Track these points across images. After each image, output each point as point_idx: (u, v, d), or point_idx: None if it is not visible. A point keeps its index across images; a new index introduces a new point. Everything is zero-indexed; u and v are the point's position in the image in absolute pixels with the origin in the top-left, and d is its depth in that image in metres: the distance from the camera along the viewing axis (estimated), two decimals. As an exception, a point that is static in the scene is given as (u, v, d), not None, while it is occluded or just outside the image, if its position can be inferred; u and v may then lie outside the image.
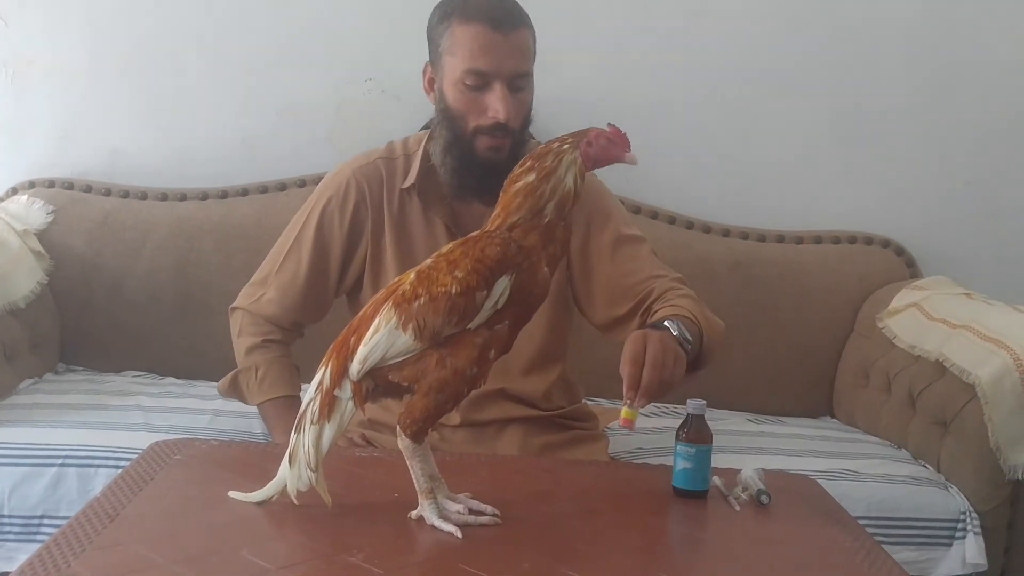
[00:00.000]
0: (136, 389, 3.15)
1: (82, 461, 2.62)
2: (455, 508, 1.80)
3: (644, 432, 3.03)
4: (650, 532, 1.95)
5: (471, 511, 1.81)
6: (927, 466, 2.90)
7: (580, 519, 1.89)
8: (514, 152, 2.40)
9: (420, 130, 2.61)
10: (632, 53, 3.63)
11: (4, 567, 2.56)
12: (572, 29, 3.55)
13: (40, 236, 3.34)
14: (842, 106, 3.68)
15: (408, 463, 1.79)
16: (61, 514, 2.57)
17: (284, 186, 3.52)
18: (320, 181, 2.66)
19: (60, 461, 2.61)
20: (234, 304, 2.64)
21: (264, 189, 3.52)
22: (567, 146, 1.81)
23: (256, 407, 2.59)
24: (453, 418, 2.46)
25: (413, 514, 1.79)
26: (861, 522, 2.20)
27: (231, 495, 1.84)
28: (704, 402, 2.05)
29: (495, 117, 2.37)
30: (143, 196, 3.49)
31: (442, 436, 2.48)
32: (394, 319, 1.73)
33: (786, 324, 3.51)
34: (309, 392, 1.81)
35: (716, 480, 2.06)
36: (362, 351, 1.75)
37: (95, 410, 2.89)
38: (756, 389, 3.50)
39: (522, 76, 2.40)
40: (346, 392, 1.78)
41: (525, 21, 2.42)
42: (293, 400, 2.49)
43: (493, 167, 2.35)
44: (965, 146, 3.70)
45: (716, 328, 2.31)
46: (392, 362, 1.76)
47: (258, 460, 2.04)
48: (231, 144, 3.60)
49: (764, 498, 2.01)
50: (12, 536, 2.60)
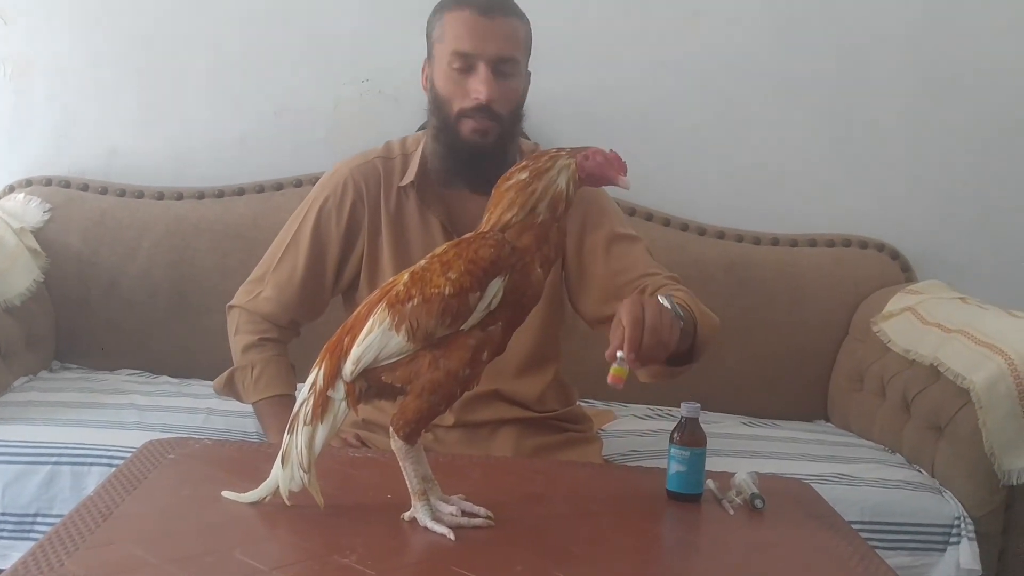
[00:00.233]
0: (131, 388, 3.15)
1: (76, 459, 2.61)
2: (448, 510, 1.80)
3: (638, 435, 3.03)
4: (643, 535, 1.94)
5: (464, 513, 1.80)
6: (921, 471, 2.90)
7: (573, 521, 1.89)
8: (502, 141, 2.42)
9: (417, 131, 2.61)
10: (628, 56, 3.63)
11: (-3, 565, 2.57)
12: (569, 32, 3.54)
13: (36, 234, 3.34)
14: (837, 109, 3.68)
15: (401, 464, 1.79)
16: (54, 512, 2.56)
17: (281, 186, 3.52)
18: (317, 181, 2.67)
19: (54, 459, 2.61)
20: (231, 302, 2.65)
21: (261, 189, 3.52)
22: (563, 152, 1.82)
23: (251, 406, 2.60)
24: (447, 419, 2.46)
25: (406, 515, 1.79)
26: (855, 527, 2.20)
27: (224, 495, 1.84)
28: (698, 405, 2.04)
29: (477, 98, 2.38)
30: (140, 195, 3.49)
31: (436, 437, 2.49)
32: (387, 320, 1.73)
33: (781, 327, 3.51)
34: (302, 393, 1.81)
35: (710, 483, 2.06)
36: (355, 352, 1.75)
37: (89, 408, 2.89)
38: (750, 392, 3.50)
39: (508, 61, 2.42)
40: (339, 393, 1.78)
41: (516, 12, 2.45)
42: (288, 399, 2.48)
43: (478, 152, 2.39)
44: (961, 151, 3.70)
45: (710, 321, 2.31)
46: (385, 363, 1.76)
47: (252, 460, 2.03)
48: (228, 144, 3.60)
49: (758, 502, 2.00)
50: (5, 534, 2.60)
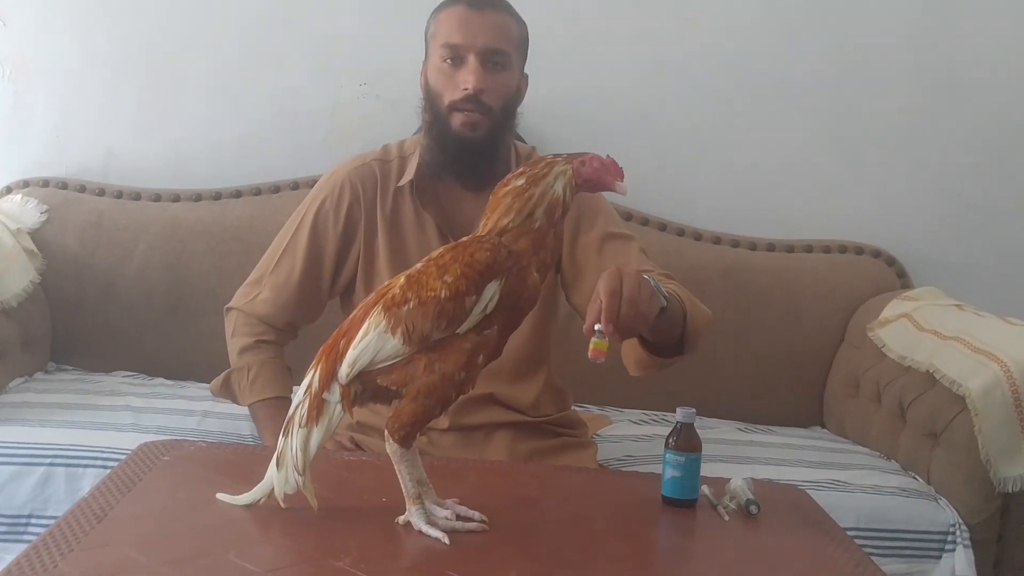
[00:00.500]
0: (126, 389, 3.15)
1: (71, 461, 2.60)
2: (443, 514, 1.80)
3: (633, 440, 3.04)
4: (638, 541, 1.94)
5: (459, 517, 1.80)
6: (917, 477, 2.90)
7: (568, 526, 1.89)
8: (493, 135, 2.44)
9: (415, 134, 2.62)
10: (626, 59, 3.63)
11: (-9, 566, 2.56)
12: (566, 35, 3.55)
13: (33, 235, 3.34)
14: (835, 115, 3.68)
15: (396, 468, 1.79)
16: (49, 514, 2.56)
17: (278, 188, 3.52)
18: (314, 184, 2.68)
19: (48, 460, 2.60)
20: (229, 304, 2.66)
21: (258, 191, 3.52)
22: (560, 158, 1.82)
23: (247, 408, 2.60)
24: (442, 422, 2.46)
25: (400, 519, 1.79)
26: (850, 533, 2.20)
27: (219, 497, 1.83)
28: (694, 410, 2.05)
29: (466, 89, 2.41)
30: (136, 196, 3.49)
31: (431, 440, 2.49)
32: (383, 323, 1.73)
33: (776, 333, 3.51)
34: (298, 395, 1.81)
35: (705, 489, 2.06)
36: (351, 354, 1.75)
37: (85, 410, 2.89)
38: (746, 398, 3.50)
39: (498, 53, 2.44)
40: (335, 396, 1.78)
41: (508, 10, 2.49)
42: (284, 401, 2.49)
43: (468, 144, 2.41)
44: (957, 157, 3.70)
45: (701, 312, 2.31)
46: (381, 366, 1.76)
47: (247, 462, 2.03)
48: (225, 146, 3.60)
49: (753, 508, 2.00)
50: (-1, 535, 2.60)
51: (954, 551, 2.72)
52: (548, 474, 2.28)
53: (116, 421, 2.81)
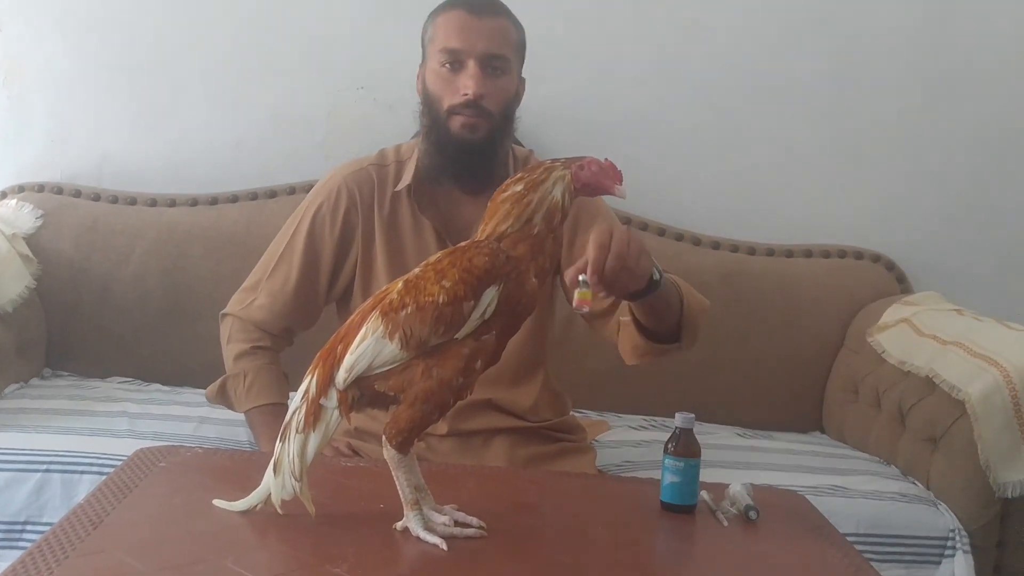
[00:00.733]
0: (122, 395, 3.14)
1: (66, 467, 2.60)
2: (441, 520, 1.79)
3: (632, 445, 3.03)
4: (637, 546, 1.93)
5: (457, 523, 1.80)
6: (916, 483, 2.89)
7: (567, 532, 1.88)
8: (492, 139, 2.43)
9: (412, 138, 2.61)
10: (624, 65, 3.63)
11: (-14, 573, 2.55)
12: (566, 40, 3.54)
13: (29, 240, 3.33)
14: (834, 120, 3.68)
15: (394, 474, 1.78)
16: (44, 520, 2.55)
17: (274, 193, 3.51)
18: (311, 189, 2.67)
19: (44, 467, 2.59)
20: (224, 310, 2.65)
21: (254, 196, 3.51)
22: (559, 164, 1.81)
23: (243, 414, 2.59)
24: (440, 428, 2.45)
25: (398, 525, 1.78)
26: (850, 539, 2.19)
27: (215, 503, 1.83)
28: (693, 416, 2.04)
29: (466, 94, 2.40)
30: (132, 201, 3.49)
31: (429, 446, 2.48)
32: (381, 328, 1.73)
33: (776, 338, 3.50)
34: (295, 401, 1.80)
35: (704, 495, 2.05)
36: (348, 360, 1.74)
37: (81, 416, 2.88)
38: (745, 403, 3.49)
39: (497, 58, 2.44)
40: (332, 401, 1.77)
41: (506, 14, 2.48)
42: (281, 408, 2.48)
43: (467, 147, 2.41)
44: (957, 161, 3.70)
45: (699, 301, 2.33)
46: (378, 371, 1.75)
47: (243, 468, 2.03)
48: (222, 150, 3.59)
49: (752, 514, 2.00)
50: (-5, 542, 2.59)
51: (954, 556, 2.71)
52: (547, 480, 2.28)
53: (112, 427, 2.81)
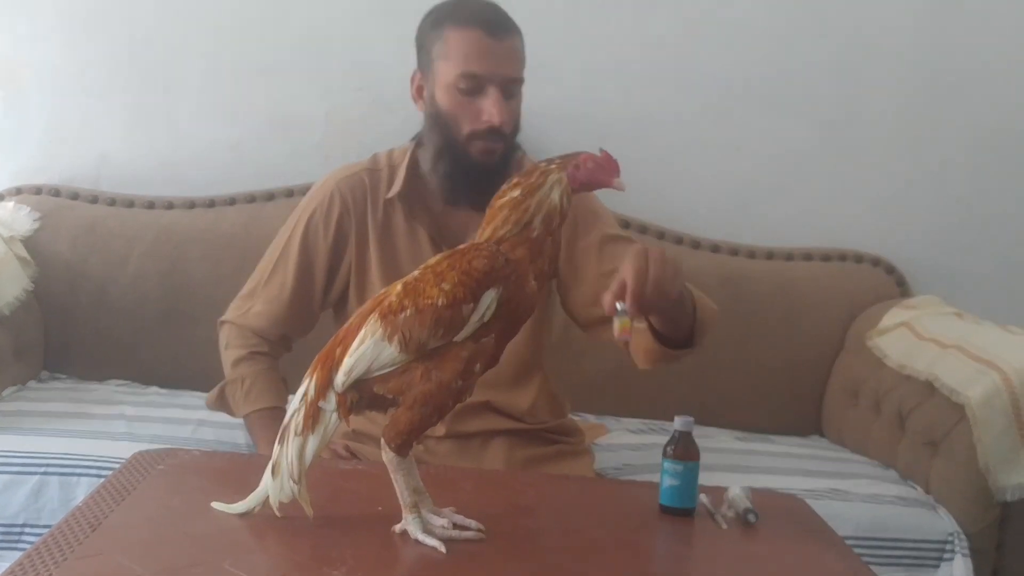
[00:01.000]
0: (120, 398, 3.14)
1: (64, 470, 2.60)
2: (439, 522, 1.78)
3: (630, 448, 3.03)
4: (636, 549, 1.93)
5: (455, 526, 1.79)
6: (916, 486, 2.89)
7: (565, 535, 1.88)
8: (505, 157, 2.41)
9: (409, 141, 2.61)
10: (622, 67, 3.62)
11: (-16, 576, 2.55)
12: (563, 42, 3.54)
13: (26, 243, 3.33)
14: (833, 122, 3.68)
15: (392, 476, 1.78)
16: (43, 523, 2.55)
17: (272, 195, 3.51)
18: (308, 190, 2.67)
19: (42, 469, 2.60)
20: (223, 318, 2.65)
21: (252, 198, 3.51)
22: (554, 166, 1.79)
23: (242, 419, 2.58)
24: (438, 430, 2.45)
25: (397, 528, 1.77)
26: (849, 542, 2.19)
27: (214, 506, 1.82)
28: (692, 419, 2.03)
29: (490, 121, 2.38)
30: (130, 204, 3.48)
31: (427, 448, 2.48)
32: (380, 330, 1.72)
33: (775, 341, 3.50)
34: (293, 403, 1.80)
35: (703, 498, 2.05)
36: (347, 362, 1.74)
37: (78, 418, 2.88)
38: (744, 407, 3.49)
39: (515, 82, 2.43)
40: (330, 404, 1.76)
41: (517, 29, 2.45)
42: (279, 412, 2.48)
43: (486, 171, 2.37)
44: (957, 164, 3.70)
45: (709, 306, 2.32)
46: (377, 374, 1.74)
47: (241, 471, 2.02)
48: (219, 153, 3.59)
49: (751, 517, 1.99)
50: (-7, 545, 2.59)
51: (953, 560, 2.71)
52: (545, 483, 2.28)
53: (110, 430, 2.80)
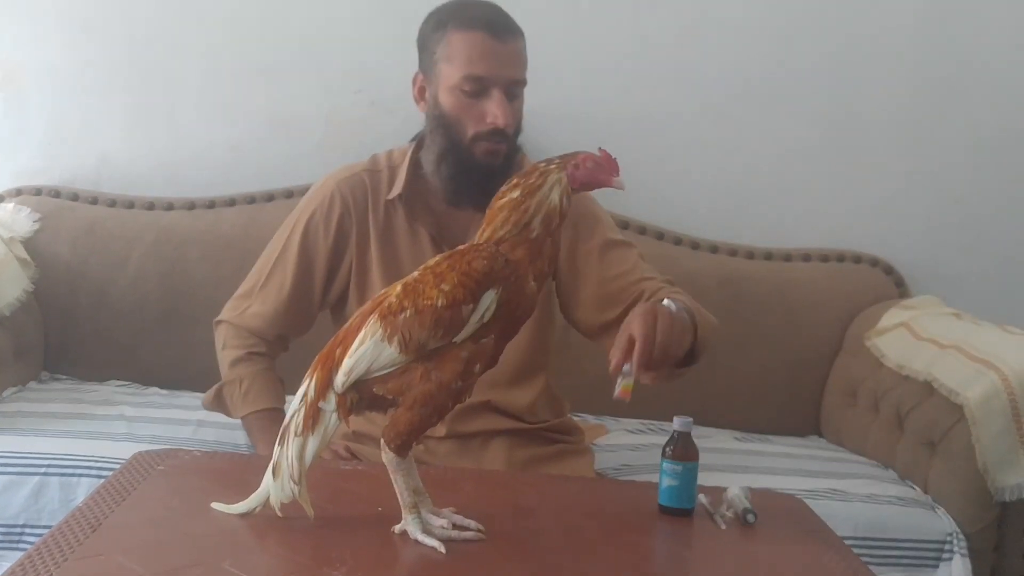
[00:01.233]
0: (120, 399, 3.14)
1: (65, 470, 2.60)
2: (439, 523, 1.79)
3: (630, 449, 3.03)
4: (635, 549, 1.93)
5: (455, 526, 1.79)
6: (914, 487, 2.89)
7: (565, 535, 1.88)
8: (508, 159, 2.41)
9: (410, 141, 2.61)
10: (621, 68, 3.63)
11: (-15, 576, 2.55)
12: (563, 42, 3.54)
13: (26, 244, 3.33)
14: (832, 124, 3.68)
15: (392, 477, 1.78)
16: (43, 523, 2.55)
17: (272, 196, 3.51)
18: (308, 192, 2.66)
19: (43, 470, 2.60)
20: (219, 317, 2.64)
21: (252, 199, 3.51)
22: (553, 166, 1.79)
23: (240, 420, 2.58)
24: (438, 430, 2.45)
25: (396, 528, 1.78)
26: (848, 542, 2.19)
27: (214, 506, 1.83)
28: (691, 419, 2.04)
29: (494, 123, 2.39)
30: (130, 205, 3.48)
31: (427, 448, 2.48)
32: (380, 331, 1.72)
33: (774, 342, 3.50)
34: (293, 404, 1.80)
35: (702, 498, 2.05)
36: (347, 363, 1.74)
37: (78, 419, 2.88)
38: (743, 407, 3.49)
39: (518, 84, 2.43)
40: (330, 404, 1.77)
41: (520, 31, 2.45)
42: (277, 412, 2.48)
43: (489, 173, 2.37)
44: (955, 165, 3.70)
45: (709, 323, 2.33)
46: (377, 374, 1.74)
47: (241, 471, 2.02)
48: (219, 154, 3.59)
49: (750, 517, 1.99)
50: (-7, 545, 2.59)
51: (951, 560, 2.71)
52: (545, 483, 2.28)
53: (110, 430, 2.80)
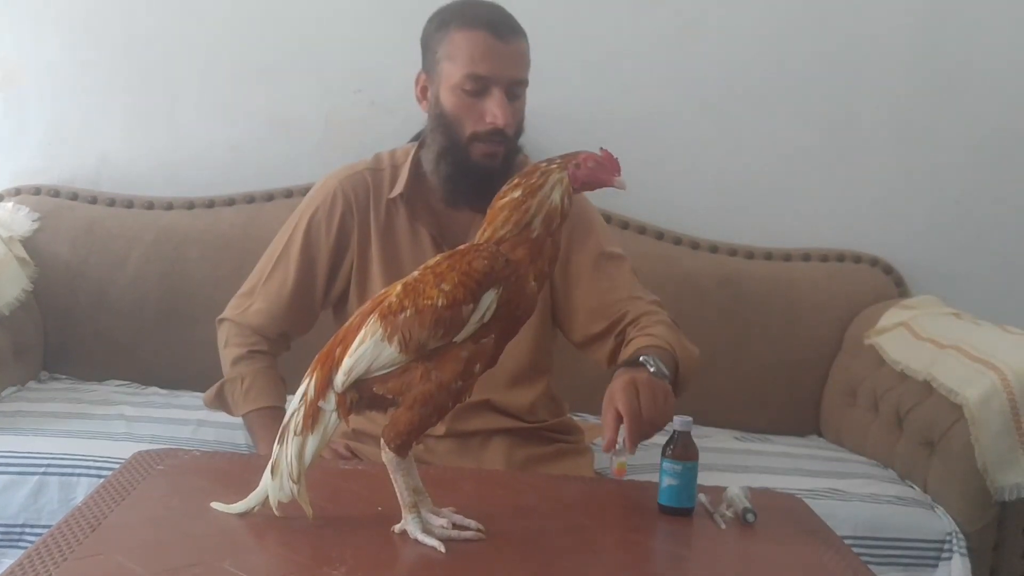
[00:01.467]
0: (119, 398, 3.14)
1: (64, 470, 2.60)
2: (439, 522, 1.79)
3: (629, 448, 3.02)
4: (635, 549, 1.93)
5: (455, 526, 1.79)
6: (914, 486, 2.89)
7: (565, 535, 1.88)
8: (507, 160, 2.41)
9: (409, 142, 2.61)
10: (621, 68, 3.63)
11: (-16, 576, 2.55)
12: (562, 43, 3.54)
13: (25, 243, 3.33)
14: (832, 123, 3.68)
15: (392, 477, 1.78)
16: (42, 523, 2.55)
17: (271, 196, 3.51)
18: (308, 191, 2.66)
19: (42, 470, 2.59)
20: (221, 315, 2.64)
21: (251, 199, 3.51)
22: (555, 166, 1.79)
23: (241, 418, 2.58)
24: (438, 429, 2.44)
25: (396, 528, 1.77)
26: (847, 542, 2.19)
27: (213, 506, 1.82)
28: (691, 419, 2.03)
29: (494, 123, 2.38)
30: (129, 204, 3.48)
31: (427, 447, 2.48)
32: (380, 331, 1.72)
33: (774, 342, 3.50)
34: (293, 403, 1.80)
35: (702, 498, 2.05)
36: (347, 362, 1.74)
37: (78, 419, 2.88)
38: (743, 407, 3.49)
39: (520, 84, 2.43)
40: (330, 403, 1.76)
41: (522, 31, 2.45)
42: (278, 411, 2.47)
43: (487, 174, 2.37)
44: (955, 164, 3.70)
45: (691, 357, 2.34)
46: (377, 374, 1.74)
47: (241, 471, 2.02)
48: (219, 153, 3.59)
49: (750, 516, 1.99)
50: (-7, 545, 2.59)
51: (951, 560, 2.71)
52: (545, 483, 2.28)
53: (110, 430, 2.80)
